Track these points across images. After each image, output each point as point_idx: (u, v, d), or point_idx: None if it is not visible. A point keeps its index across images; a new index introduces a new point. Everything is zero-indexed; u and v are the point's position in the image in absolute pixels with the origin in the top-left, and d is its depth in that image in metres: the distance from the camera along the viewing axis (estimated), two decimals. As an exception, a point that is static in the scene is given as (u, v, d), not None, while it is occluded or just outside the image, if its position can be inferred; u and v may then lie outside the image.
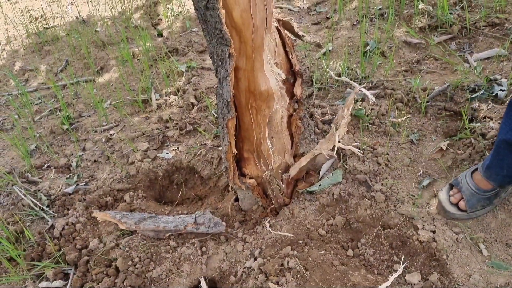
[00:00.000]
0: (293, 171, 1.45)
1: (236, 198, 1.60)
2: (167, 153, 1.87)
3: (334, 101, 1.94)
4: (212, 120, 2.00)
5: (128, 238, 1.46)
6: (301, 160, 1.44)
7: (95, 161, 1.93)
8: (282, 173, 1.46)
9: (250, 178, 1.45)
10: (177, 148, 1.89)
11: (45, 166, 1.96)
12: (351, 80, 1.64)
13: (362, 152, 1.58)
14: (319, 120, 1.76)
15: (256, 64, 1.21)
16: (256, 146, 1.40)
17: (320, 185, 1.48)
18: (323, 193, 1.48)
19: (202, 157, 1.81)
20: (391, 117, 1.77)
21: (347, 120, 1.36)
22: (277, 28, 1.30)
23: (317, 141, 1.56)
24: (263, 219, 1.51)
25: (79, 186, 1.79)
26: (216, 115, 1.98)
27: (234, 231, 1.50)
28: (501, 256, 1.26)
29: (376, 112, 1.78)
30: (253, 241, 1.42)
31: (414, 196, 1.45)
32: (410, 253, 1.30)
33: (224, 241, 1.48)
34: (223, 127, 1.32)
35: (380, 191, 1.45)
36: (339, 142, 1.35)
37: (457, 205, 1.35)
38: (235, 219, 1.56)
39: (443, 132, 1.70)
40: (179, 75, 2.39)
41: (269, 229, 1.42)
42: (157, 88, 2.33)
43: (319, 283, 1.23)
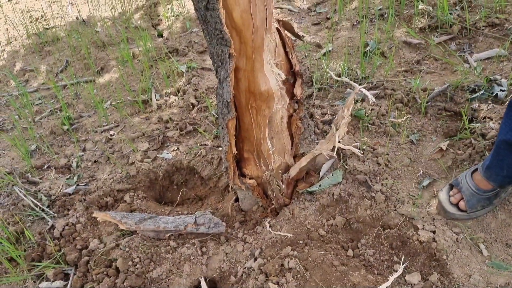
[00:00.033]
0: (293, 171, 1.45)
1: (236, 199, 1.60)
2: (167, 153, 1.87)
3: (334, 102, 1.94)
4: (212, 121, 2.00)
5: (128, 239, 1.46)
6: (301, 160, 1.44)
7: (95, 161, 1.93)
8: (282, 174, 1.46)
9: (250, 179, 1.45)
10: (177, 148, 1.89)
11: (46, 166, 1.96)
12: (351, 81, 1.63)
13: (362, 152, 1.58)
14: (319, 120, 1.76)
15: (256, 64, 1.21)
16: (256, 147, 1.40)
17: (320, 186, 1.48)
18: (323, 193, 1.48)
19: (202, 157, 1.81)
20: (391, 118, 1.77)
21: (347, 121, 1.36)
22: (277, 28, 1.30)
23: (317, 141, 1.56)
24: (263, 219, 1.51)
25: (79, 186, 1.79)
26: (216, 116, 1.98)
27: (234, 232, 1.50)
28: (501, 256, 1.26)
29: (376, 113, 1.78)
30: (253, 242, 1.42)
31: (414, 197, 1.45)
32: (410, 253, 1.30)
33: (224, 241, 1.48)
34: (223, 127, 1.32)
35: (380, 191, 1.45)
36: (339, 142, 1.35)
37: (457, 205, 1.35)
38: (235, 219, 1.56)
39: (443, 133, 1.70)
40: (179, 75, 2.39)
41: (269, 229, 1.42)
42: (157, 89, 2.33)
43: (319, 283, 1.23)
